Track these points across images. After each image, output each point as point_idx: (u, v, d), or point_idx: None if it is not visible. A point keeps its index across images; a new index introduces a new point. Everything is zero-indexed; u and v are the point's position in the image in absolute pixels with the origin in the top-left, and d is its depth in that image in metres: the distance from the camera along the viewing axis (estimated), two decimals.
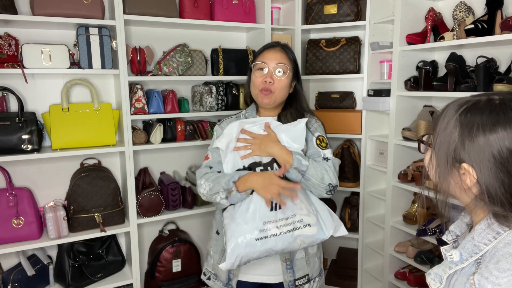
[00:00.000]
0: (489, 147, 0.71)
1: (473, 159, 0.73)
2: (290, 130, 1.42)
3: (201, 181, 1.44)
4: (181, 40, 2.29)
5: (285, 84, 1.46)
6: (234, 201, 1.35)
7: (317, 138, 1.47)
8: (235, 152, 1.42)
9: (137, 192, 2.11)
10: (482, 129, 0.72)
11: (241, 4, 2.27)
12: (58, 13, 1.82)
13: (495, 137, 0.70)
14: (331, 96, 2.59)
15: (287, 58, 1.49)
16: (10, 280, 1.88)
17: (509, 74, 1.78)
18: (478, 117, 0.73)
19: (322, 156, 1.43)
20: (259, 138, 1.42)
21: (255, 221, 1.29)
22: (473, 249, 0.75)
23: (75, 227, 1.97)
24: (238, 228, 1.29)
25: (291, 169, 1.36)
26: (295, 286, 1.47)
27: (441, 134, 0.78)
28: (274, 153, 1.40)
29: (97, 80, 2.12)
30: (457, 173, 0.76)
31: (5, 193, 1.87)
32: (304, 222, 1.31)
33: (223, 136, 1.42)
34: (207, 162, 1.48)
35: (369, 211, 2.51)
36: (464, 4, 1.93)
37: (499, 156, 0.71)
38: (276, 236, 1.28)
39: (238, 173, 1.37)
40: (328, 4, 2.40)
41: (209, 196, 1.40)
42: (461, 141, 0.74)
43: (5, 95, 1.92)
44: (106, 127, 2.01)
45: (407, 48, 2.12)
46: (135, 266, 2.13)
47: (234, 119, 1.55)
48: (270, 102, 1.46)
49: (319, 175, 1.36)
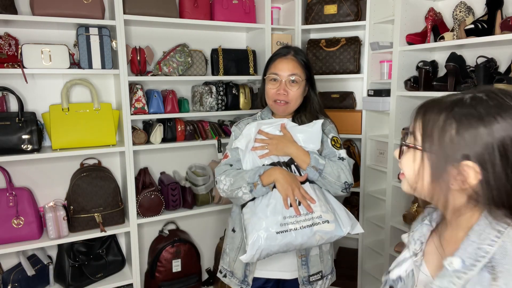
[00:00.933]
0: (492, 138, 0.67)
1: (477, 154, 0.68)
2: (307, 131, 1.47)
3: (221, 177, 1.46)
4: (181, 40, 2.29)
5: (299, 94, 1.50)
6: (258, 195, 1.38)
7: (332, 139, 1.51)
8: (253, 152, 1.47)
9: (137, 192, 2.11)
10: (482, 121, 0.68)
11: (241, 4, 2.27)
12: (58, 13, 1.82)
13: (497, 127, 0.67)
14: (331, 96, 2.59)
15: (300, 66, 1.50)
16: (10, 280, 1.88)
17: (509, 74, 1.78)
18: (472, 110, 0.70)
19: (338, 156, 1.47)
20: (276, 138, 1.46)
21: (276, 215, 1.32)
22: (477, 253, 0.69)
23: (75, 227, 1.97)
24: (259, 222, 1.31)
25: (308, 167, 1.40)
26: (309, 282, 1.51)
27: (433, 135, 0.73)
28: (291, 153, 1.44)
29: (97, 80, 2.12)
30: (455, 173, 0.71)
31: (5, 193, 1.87)
32: (322, 218, 1.33)
33: (243, 137, 1.48)
34: (226, 160, 1.52)
35: (369, 211, 2.51)
36: (464, 4, 1.93)
37: (502, 147, 0.67)
38: (296, 230, 1.30)
39: (263, 168, 1.41)
40: (328, 4, 2.40)
41: (230, 192, 1.43)
42: (461, 138, 0.70)
43: (5, 95, 1.92)
44: (106, 127, 2.01)
45: (407, 48, 2.12)
46: (135, 266, 2.13)
47: (250, 120, 1.59)
48: (285, 112, 1.52)
49: (335, 174, 1.41)
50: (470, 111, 0.70)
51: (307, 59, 1.54)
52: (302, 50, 1.55)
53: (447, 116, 0.71)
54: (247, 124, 1.53)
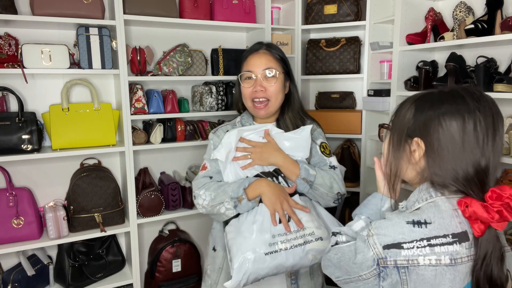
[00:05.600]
0: (438, 126, 0.82)
1: (424, 134, 0.84)
2: (294, 138, 1.34)
3: (199, 192, 1.32)
4: (181, 40, 2.29)
5: (278, 88, 1.36)
6: (243, 211, 1.25)
7: (321, 146, 1.40)
8: (235, 163, 1.34)
9: (137, 192, 2.11)
10: (433, 112, 0.83)
11: (241, 4, 2.27)
12: (58, 13, 1.81)
13: (446, 120, 0.81)
14: (331, 96, 2.59)
15: (274, 59, 1.38)
16: (10, 280, 1.88)
17: (509, 74, 1.78)
18: (430, 102, 0.85)
19: (328, 164, 1.37)
20: (259, 146, 1.33)
21: (264, 234, 1.19)
22: (411, 204, 0.87)
23: (75, 227, 1.97)
24: (245, 242, 1.18)
25: (298, 179, 1.28)
26: None
27: (398, 117, 0.91)
28: (277, 163, 1.31)
29: (97, 80, 2.12)
30: (408, 148, 0.87)
31: (5, 193, 1.87)
32: (315, 236, 1.21)
33: (222, 146, 1.33)
34: (205, 172, 1.37)
35: None
36: (464, 4, 1.93)
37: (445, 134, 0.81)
38: (287, 250, 1.18)
39: (247, 180, 1.28)
40: (328, 4, 2.40)
41: (211, 208, 1.29)
42: (415, 120, 0.86)
43: (5, 95, 1.92)
44: (106, 127, 2.01)
45: (407, 48, 2.12)
46: (135, 266, 2.13)
47: (230, 127, 1.44)
48: (267, 113, 1.38)
49: (327, 184, 1.30)
50: (428, 100, 0.86)
51: (282, 53, 1.42)
52: (276, 45, 1.45)
53: (411, 103, 0.89)
54: (226, 131, 1.38)
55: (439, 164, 0.83)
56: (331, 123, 2.47)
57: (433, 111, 0.84)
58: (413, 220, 0.79)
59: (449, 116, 0.81)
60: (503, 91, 1.66)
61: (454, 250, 0.77)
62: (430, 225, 0.78)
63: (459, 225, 0.79)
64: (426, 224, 0.78)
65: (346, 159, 2.54)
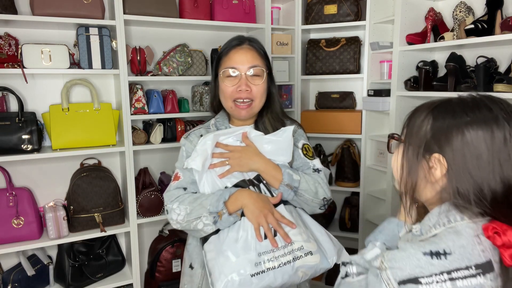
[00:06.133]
0: (462, 140, 0.72)
1: (445, 149, 0.74)
2: (275, 140, 1.23)
3: (173, 206, 1.18)
4: (181, 40, 2.29)
5: (264, 88, 1.26)
6: (224, 226, 1.13)
7: (303, 148, 1.28)
8: (211, 171, 1.21)
9: (137, 192, 2.11)
10: (456, 123, 0.73)
11: (241, 4, 2.27)
12: (58, 13, 1.81)
13: (470, 131, 0.72)
14: (331, 96, 2.59)
15: (260, 56, 1.27)
16: (10, 280, 1.88)
17: (509, 74, 1.78)
18: (450, 112, 0.75)
19: (312, 167, 1.25)
20: (238, 151, 1.21)
21: (248, 252, 1.06)
22: (427, 229, 0.77)
23: (75, 227, 1.97)
24: (228, 263, 1.06)
25: (281, 186, 1.16)
26: None
27: (412, 128, 0.80)
28: (258, 168, 1.19)
29: (97, 80, 2.12)
30: (426, 165, 0.77)
31: (5, 193, 1.87)
32: (305, 250, 1.09)
33: (197, 154, 1.19)
34: (178, 183, 1.23)
35: (369, 211, 2.51)
36: (464, 4, 1.93)
37: (469, 149, 0.72)
38: (275, 269, 1.06)
39: (227, 191, 1.15)
40: (328, 4, 2.40)
41: (186, 224, 1.15)
42: (433, 133, 0.76)
43: (5, 95, 1.92)
44: (106, 127, 2.01)
45: (407, 48, 2.12)
46: (135, 266, 2.13)
47: (203, 131, 1.31)
48: (249, 115, 1.26)
49: (312, 190, 1.19)
50: (448, 110, 0.76)
51: (265, 50, 1.31)
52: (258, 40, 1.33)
53: (428, 113, 0.78)
54: (200, 136, 1.25)
55: (462, 183, 0.73)
56: (331, 123, 2.47)
57: (455, 122, 0.74)
58: (431, 251, 0.70)
59: (475, 127, 0.72)
60: (503, 91, 1.66)
61: (478, 283, 0.68)
62: (450, 256, 0.69)
63: (482, 253, 0.70)
64: (445, 255, 0.69)
65: (346, 159, 2.54)
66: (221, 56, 1.30)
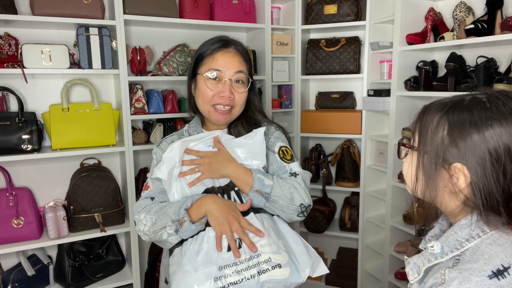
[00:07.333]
0: (485, 144, 0.67)
1: (467, 158, 0.68)
2: (246, 143, 1.16)
3: (140, 216, 1.12)
4: (181, 40, 2.29)
5: (245, 97, 1.21)
6: (187, 235, 1.05)
7: (280, 150, 1.20)
8: (181, 179, 1.15)
9: (137, 192, 2.11)
10: (475, 126, 0.67)
11: (241, 4, 2.27)
12: (58, 13, 1.81)
13: (491, 132, 0.66)
14: (331, 96, 2.59)
15: (245, 62, 1.23)
16: (10, 280, 1.88)
17: (509, 74, 1.78)
18: (467, 114, 0.69)
19: (289, 171, 1.16)
20: (208, 156, 1.14)
21: (208, 266, 0.98)
22: (454, 244, 0.71)
23: (75, 227, 1.97)
24: (185, 278, 0.97)
25: (251, 192, 1.08)
26: None
27: (426, 135, 0.73)
28: (229, 174, 1.12)
29: (97, 80, 2.12)
30: (447, 175, 0.71)
31: (5, 193, 1.87)
32: (272, 263, 0.99)
33: (163, 163, 1.13)
34: (147, 193, 1.18)
35: (369, 211, 2.51)
36: (464, 4, 1.94)
37: (495, 153, 0.66)
38: (237, 284, 0.96)
39: (191, 198, 1.08)
40: (328, 4, 2.40)
41: (153, 235, 1.09)
42: (452, 140, 0.69)
43: (5, 95, 1.92)
44: (106, 127, 2.01)
45: (407, 48, 2.12)
46: (135, 266, 2.13)
47: (176, 138, 1.25)
48: (228, 121, 1.22)
49: (287, 196, 1.09)
50: (464, 113, 0.69)
51: (249, 55, 1.25)
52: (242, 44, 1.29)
53: (441, 117, 0.72)
54: (172, 143, 1.18)
55: (490, 190, 0.67)
56: (331, 123, 2.48)
57: (475, 126, 0.67)
58: (493, 271, 0.63)
59: (497, 126, 0.66)
60: None
61: None
62: (510, 269, 0.63)
63: None
64: (506, 271, 0.63)
65: (346, 159, 2.54)
66: (204, 56, 1.23)
